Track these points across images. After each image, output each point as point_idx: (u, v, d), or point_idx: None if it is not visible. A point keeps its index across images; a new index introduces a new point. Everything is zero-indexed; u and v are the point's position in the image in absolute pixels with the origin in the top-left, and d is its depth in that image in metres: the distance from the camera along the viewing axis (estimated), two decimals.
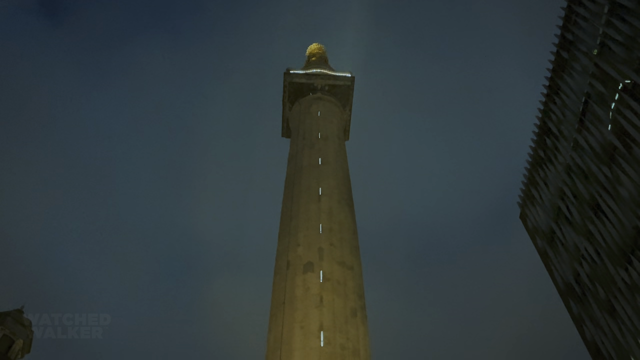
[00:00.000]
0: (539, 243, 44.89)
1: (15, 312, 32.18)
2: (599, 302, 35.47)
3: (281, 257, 19.69)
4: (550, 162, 42.92)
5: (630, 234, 31.95)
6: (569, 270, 39.72)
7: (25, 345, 31.66)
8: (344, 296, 17.05)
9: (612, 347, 33.80)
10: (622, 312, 32.65)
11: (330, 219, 20.59)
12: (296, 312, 16.44)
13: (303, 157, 26.78)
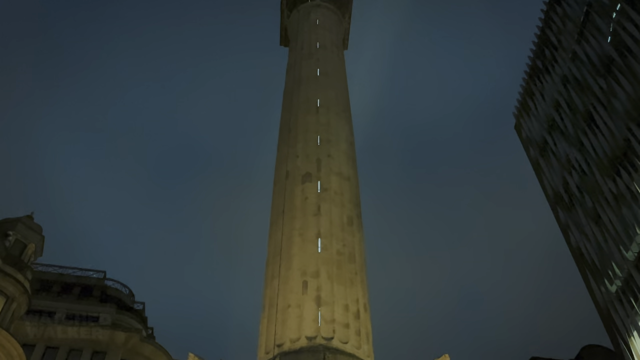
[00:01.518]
0: (532, 153, 45.41)
1: (25, 218, 32.98)
2: (585, 210, 36.48)
3: (280, 167, 20.09)
4: (548, 73, 42.57)
5: (620, 146, 32.35)
6: (559, 179, 40.49)
7: (38, 249, 32.75)
8: (340, 205, 17.61)
9: (594, 253, 35.15)
10: (606, 220, 33.68)
11: (328, 131, 20.81)
12: (295, 221, 17.05)
13: (301, 68, 26.53)
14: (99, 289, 43.99)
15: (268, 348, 14.52)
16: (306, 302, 14.80)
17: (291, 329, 14.41)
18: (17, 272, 30.36)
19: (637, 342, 30.71)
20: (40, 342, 37.10)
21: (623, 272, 32.05)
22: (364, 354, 14.33)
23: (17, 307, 30.64)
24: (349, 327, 14.57)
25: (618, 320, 32.40)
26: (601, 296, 34.40)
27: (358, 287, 15.64)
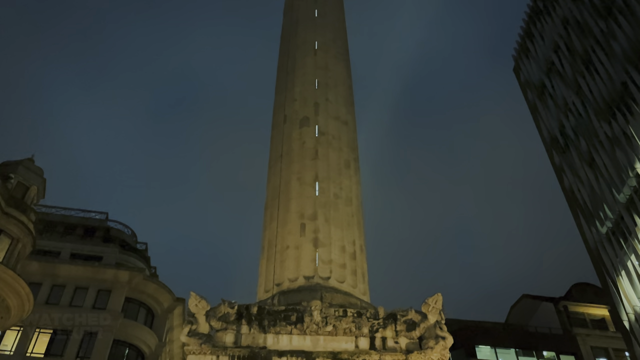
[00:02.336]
0: (530, 96, 45.10)
1: (26, 160, 33.02)
2: (580, 153, 36.61)
3: (278, 111, 19.97)
4: (549, 14, 41.70)
5: (617, 89, 32.14)
6: (556, 123, 40.42)
7: (40, 191, 32.97)
8: (338, 149, 17.65)
9: (587, 195, 35.52)
10: (600, 163, 33.87)
11: (326, 74, 20.54)
12: (293, 165, 17.12)
13: (299, 8, 25.90)
14: (102, 230, 44.58)
15: (267, 287, 14.89)
16: (304, 244, 15.08)
17: (289, 269, 14.75)
18: (21, 214, 30.67)
19: (624, 280, 31.51)
20: (47, 280, 37.90)
21: (614, 214, 32.51)
22: (360, 292, 14.73)
23: (22, 247, 31.10)
24: (346, 267, 14.91)
25: (607, 260, 33.11)
26: (592, 237, 35.02)
27: (354, 229, 15.91)
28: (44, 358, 35.12)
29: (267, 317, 12.74)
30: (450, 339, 12.64)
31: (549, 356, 37.44)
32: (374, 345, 12.48)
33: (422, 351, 12.33)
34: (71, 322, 36.31)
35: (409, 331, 12.78)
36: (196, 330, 12.41)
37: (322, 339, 12.45)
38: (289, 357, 12.02)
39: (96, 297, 38.04)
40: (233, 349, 12.09)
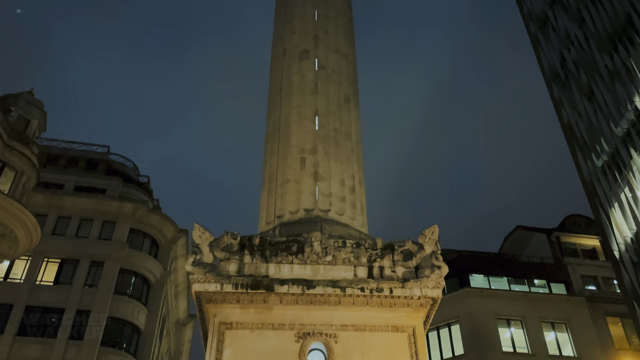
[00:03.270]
0: (532, 28, 44.15)
1: (26, 94, 32.73)
2: (579, 86, 36.28)
3: (277, 44, 19.58)
4: None
5: (620, 21, 31.47)
6: (557, 55, 39.80)
7: (41, 125, 32.89)
8: (337, 84, 17.44)
9: (584, 128, 35.49)
10: (599, 96, 33.64)
11: (326, 5, 19.96)
12: (293, 99, 16.98)
13: None
14: (104, 163, 44.75)
15: (269, 219, 15.15)
16: (304, 178, 15.20)
17: (290, 202, 14.94)
18: (24, 147, 30.75)
19: (616, 212, 32.00)
20: (52, 212, 38.41)
21: (610, 147, 32.61)
22: (359, 224, 15.00)
23: (26, 180, 31.36)
24: (345, 200, 15.11)
25: (601, 192, 33.50)
26: (587, 170, 35.27)
27: (354, 163, 15.99)
28: (53, 286, 36.15)
29: (269, 248, 13.04)
30: (445, 268, 13.00)
31: (539, 284, 38.54)
32: (371, 274, 12.85)
33: (418, 279, 12.70)
34: (78, 251, 37.14)
35: (405, 261, 13.11)
36: (200, 260, 12.72)
37: (322, 268, 12.80)
38: (291, 285, 12.38)
39: (101, 229, 38.69)
40: (236, 278, 12.44)
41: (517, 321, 35.39)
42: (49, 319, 34.71)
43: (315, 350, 12.09)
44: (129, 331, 36.12)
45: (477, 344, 33.77)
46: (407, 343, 12.18)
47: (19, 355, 32.52)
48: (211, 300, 12.32)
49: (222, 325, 12.10)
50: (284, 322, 12.17)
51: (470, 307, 35.13)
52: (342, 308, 12.35)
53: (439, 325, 34.59)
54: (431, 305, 12.64)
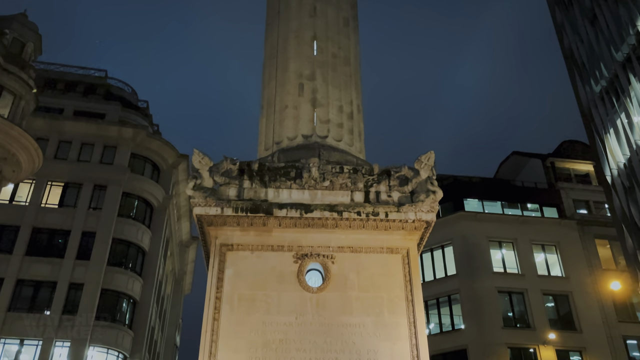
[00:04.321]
0: None
1: (19, 15, 31.77)
2: (583, 10, 35.30)
3: None
4: None
5: None
6: None
7: (36, 48, 32.18)
8: (336, 6, 16.92)
9: (585, 53, 34.87)
10: (602, 20, 32.82)
11: None
12: (291, 22, 16.54)
13: None
14: (102, 88, 44.19)
15: (267, 145, 15.18)
16: (302, 104, 15.09)
17: (288, 128, 14.92)
18: (20, 70, 30.27)
19: (611, 138, 32.04)
20: (53, 136, 38.36)
21: (610, 73, 32.20)
22: (356, 150, 15.05)
23: (25, 104, 31.10)
24: (343, 126, 15.08)
25: (597, 118, 33.39)
26: (585, 96, 34.98)
27: (352, 89, 15.82)
28: (58, 208, 36.72)
29: (268, 173, 13.16)
30: (440, 193, 13.18)
31: (532, 208, 39.19)
32: (368, 198, 13.04)
33: (413, 204, 12.91)
34: (81, 175, 37.41)
35: (401, 186, 13.26)
36: (201, 185, 12.87)
37: (319, 193, 12.98)
38: (289, 209, 12.60)
39: (102, 153, 38.79)
40: (236, 202, 12.64)
41: (508, 243, 36.28)
42: (56, 240, 35.52)
43: (313, 270, 12.49)
44: (133, 252, 37.04)
45: (469, 264, 34.78)
46: (401, 264, 12.56)
47: (28, 273, 33.52)
48: (212, 223, 12.58)
49: (224, 247, 12.43)
50: (283, 244, 12.50)
51: (463, 230, 35.90)
52: (339, 231, 12.64)
53: (433, 247, 35.48)
54: (425, 228, 12.92)
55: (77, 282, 33.64)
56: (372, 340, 11.71)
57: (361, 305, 12.08)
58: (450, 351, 32.72)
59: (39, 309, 32.88)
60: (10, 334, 31.67)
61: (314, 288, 12.19)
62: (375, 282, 12.33)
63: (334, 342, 11.62)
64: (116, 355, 33.35)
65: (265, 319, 11.81)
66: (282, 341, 11.57)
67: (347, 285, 12.25)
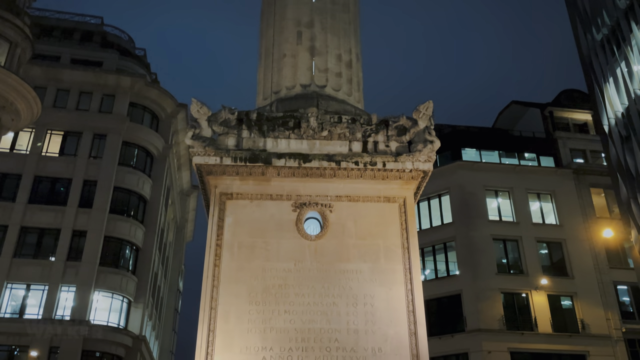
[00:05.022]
0: None
1: None
2: None
3: None
4: None
5: None
6: None
7: None
8: None
9: (588, 1, 34.12)
10: None
11: None
12: None
13: None
14: (99, 35, 43.40)
15: (265, 95, 15.05)
16: (300, 52, 14.85)
17: (286, 77, 14.74)
18: (15, 17, 29.62)
19: (610, 87, 31.80)
20: (51, 84, 37.98)
21: (612, 20, 31.61)
22: (355, 100, 14.93)
23: (21, 52, 30.62)
24: (341, 75, 14.90)
25: (597, 67, 33.01)
26: (586, 44, 34.46)
27: (351, 38, 15.53)
28: (59, 157, 36.75)
29: (266, 123, 13.11)
30: (437, 143, 13.18)
31: (529, 157, 39.28)
32: (366, 148, 13.06)
33: (411, 154, 12.93)
34: (80, 124, 37.27)
35: (399, 136, 13.25)
36: (199, 134, 12.85)
37: (317, 143, 12.98)
38: (287, 158, 12.63)
39: (101, 102, 38.53)
40: (235, 151, 12.65)
41: (504, 192, 36.53)
42: (58, 188, 35.73)
43: (311, 218, 12.63)
44: (135, 200, 37.31)
45: (465, 213, 35.14)
46: (397, 212, 12.70)
47: (32, 221, 33.88)
48: (211, 172, 12.63)
49: (223, 196, 12.53)
50: (282, 193, 12.59)
51: (460, 179, 36.07)
52: (337, 180, 12.71)
53: (430, 195, 35.74)
54: (422, 177, 12.99)
55: (81, 229, 34.04)
56: (368, 286, 11.98)
57: (358, 252, 12.28)
58: (445, 296, 33.49)
59: (44, 256, 33.41)
60: (16, 279, 32.30)
61: (312, 236, 12.36)
62: (372, 230, 12.50)
63: (332, 287, 11.89)
64: (121, 300, 34.12)
65: (264, 265, 12.04)
66: (281, 286, 11.83)
67: (345, 233, 12.43)
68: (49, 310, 31.59)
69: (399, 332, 11.67)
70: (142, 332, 35.04)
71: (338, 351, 11.38)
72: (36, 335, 30.45)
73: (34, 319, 31.39)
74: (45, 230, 33.94)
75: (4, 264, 32.21)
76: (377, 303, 11.84)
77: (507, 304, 32.96)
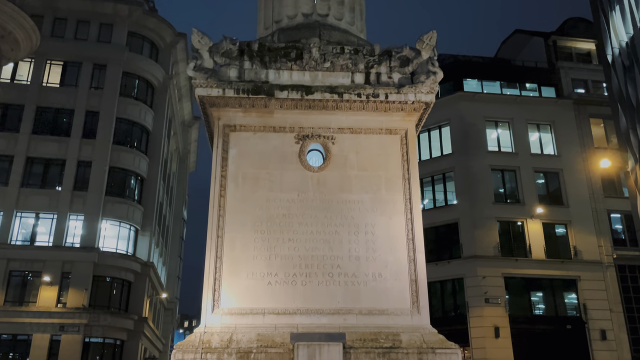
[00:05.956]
0: None
1: None
2: None
3: None
4: None
5: None
6: None
7: None
8: None
9: None
10: None
11: None
12: None
13: None
14: None
15: (267, 24, 14.72)
16: None
17: (288, 6, 14.37)
18: None
19: (616, 15, 30.97)
20: (48, 13, 37.05)
21: None
22: (357, 30, 14.62)
23: None
24: (344, 3, 14.51)
25: None
26: None
27: None
28: (60, 87, 36.39)
29: (268, 54, 12.91)
30: (440, 74, 13.03)
31: (531, 88, 38.87)
32: (368, 80, 12.92)
33: (413, 85, 12.83)
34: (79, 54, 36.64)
35: (402, 67, 13.09)
36: (201, 65, 12.68)
37: (320, 74, 12.83)
38: (290, 90, 12.54)
39: (99, 31, 37.73)
40: (237, 83, 12.54)
41: (504, 123, 36.39)
42: (61, 119, 35.59)
43: (314, 150, 12.70)
44: (138, 131, 37.26)
45: (464, 144, 35.16)
46: (399, 144, 12.76)
47: (37, 151, 33.99)
48: (214, 104, 12.58)
49: (227, 128, 12.54)
50: (285, 125, 12.59)
51: (461, 110, 35.83)
52: (340, 112, 12.68)
53: (430, 127, 35.64)
54: (424, 109, 12.95)
55: (85, 160, 34.21)
56: (369, 215, 12.22)
57: (360, 183, 12.44)
58: (443, 224, 34.10)
59: (51, 185, 33.77)
60: (25, 207, 32.82)
61: (315, 167, 12.48)
62: (373, 161, 12.60)
63: (334, 216, 12.14)
64: (128, 228, 34.82)
65: (268, 195, 12.23)
66: (285, 216, 12.08)
67: (347, 165, 12.54)
68: (59, 238, 32.30)
69: (398, 259, 12.02)
70: (149, 258, 35.99)
71: (340, 276, 11.77)
72: (48, 262, 31.31)
73: (45, 246, 32.16)
74: (51, 161, 34.12)
75: (12, 194, 32.63)
76: (377, 231, 12.13)
77: (502, 232, 33.62)
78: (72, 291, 31.07)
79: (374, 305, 11.66)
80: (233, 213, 12.04)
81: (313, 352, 10.53)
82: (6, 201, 32.47)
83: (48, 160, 34.14)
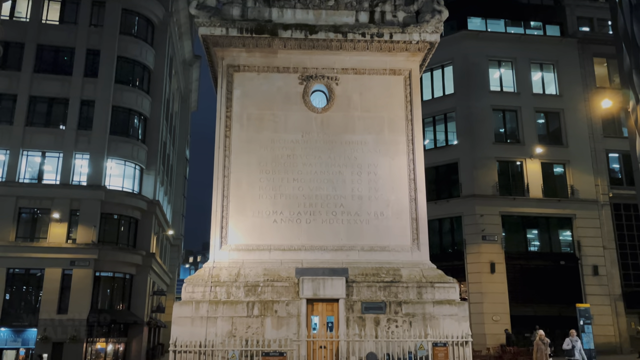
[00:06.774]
0: None
1: None
2: None
3: None
4: None
5: None
6: None
7: None
8: None
9: None
10: None
11: None
12: None
13: None
14: None
15: None
16: None
17: None
18: None
19: None
20: None
21: None
22: None
23: None
24: None
25: None
26: None
27: None
28: (59, 25, 35.65)
29: None
30: (445, 13, 12.81)
31: (535, 26, 37.99)
32: (373, 18, 12.71)
33: (418, 24, 12.63)
34: None
35: (407, 5, 12.85)
36: (204, 3, 12.46)
37: (324, 13, 12.60)
38: (294, 29, 12.36)
39: None
40: (241, 22, 12.35)
41: (507, 62, 35.81)
42: (62, 58, 35.04)
43: (318, 91, 12.66)
44: (139, 70, 36.75)
45: (467, 84, 34.76)
46: (402, 85, 12.70)
47: (40, 90, 33.68)
48: (217, 44, 12.44)
49: (230, 68, 12.45)
50: (288, 65, 12.50)
51: (465, 49, 35.18)
52: (344, 53, 12.55)
53: (433, 66, 35.11)
54: (428, 49, 12.81)
55: (88, 99, 33.95)
56: (372, 156, 12.34)
57: (363, 124, 12.47)
58: (443, 164, 34.25)
59: (55, 124, 33.69)
60: (31, 146, 32.87)
61: (319, 108, 12.48)
62: (377, 102, 12.58)
63: (337, 157, 12.26)
64: (133, 167, 35.01)
65: (273, 136, 12.30)
66: (289, 156, 12.20)
67: (351, 106, 12.53)
68: (65, 176, 32.55)
69: (400, 198, 12.23)
70: (155, 196, 36.39)
71: (343, 215, 12.02)
72: (56, 200, 31.70)
73: (53, 184, 32.46)
74: (54, 100, 33.87)
75: (17, 132, 32.61)
76: (380, 172, 12.28)
77: (501, 172, 33.80)
78: (81, 228, 31.62)
79: (376, 242, 11.97)
80: (238, 153, 12.15)
81: (317, 285, 10.94)
82: (12, 140, 32.50)
83: (51, 99, 33.87)
